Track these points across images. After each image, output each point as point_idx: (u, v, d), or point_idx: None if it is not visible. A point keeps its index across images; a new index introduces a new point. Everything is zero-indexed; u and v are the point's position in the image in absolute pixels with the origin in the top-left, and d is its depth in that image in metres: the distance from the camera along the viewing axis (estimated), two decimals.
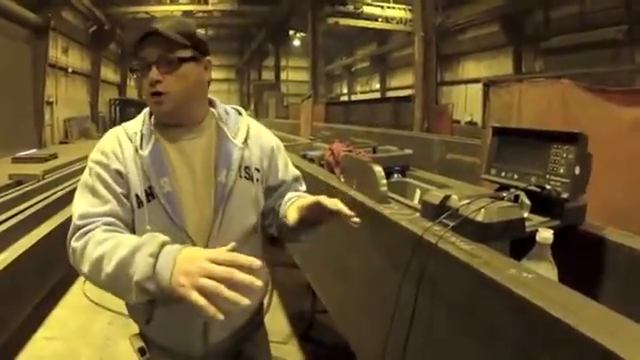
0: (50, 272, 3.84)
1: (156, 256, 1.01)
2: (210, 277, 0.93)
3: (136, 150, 1.24)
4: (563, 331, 0.94)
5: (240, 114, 1.44)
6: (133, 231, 1.22)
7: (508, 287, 1.13)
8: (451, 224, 1.48)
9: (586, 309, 1.00)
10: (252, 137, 1.39)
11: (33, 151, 11.72)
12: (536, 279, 1.17)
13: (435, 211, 1.59)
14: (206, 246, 1.23)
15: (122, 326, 3.47)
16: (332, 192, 2.35)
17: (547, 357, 1.02)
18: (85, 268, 1.11)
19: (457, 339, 1.37)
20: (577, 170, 1.54)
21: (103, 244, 1.09)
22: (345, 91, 36.36)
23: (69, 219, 1.21)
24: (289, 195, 1.43)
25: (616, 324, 0.93)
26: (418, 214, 1.74)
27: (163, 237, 1.06)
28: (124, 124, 1.33)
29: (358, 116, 14.65)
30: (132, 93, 32.42)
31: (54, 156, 9.97)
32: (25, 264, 3.23)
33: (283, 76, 30.19)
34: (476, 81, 4.20)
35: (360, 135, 7.00)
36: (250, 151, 1.37)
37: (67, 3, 17.37)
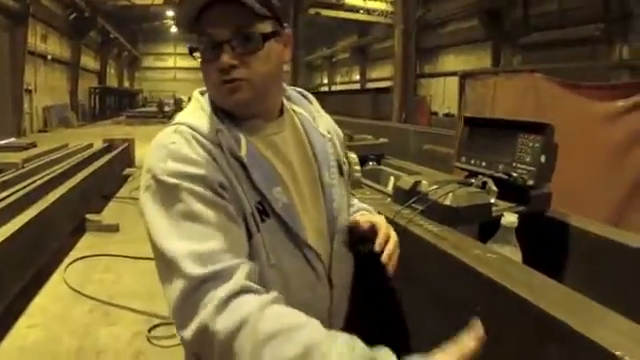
0: (31, 260, 3.81)
1: None
2: None
3: (231, 154, 0.90)
4: (525, 309, 0.99)
5: (305, 97, 1.18)
6: None
7: (473, 267, 1.18)
8: (420, 208, 1.54)
9: (547, 288, 1.06)
10: (330, 125, 1.15)
11: (12, 140, 11.52)
12: (500, 259, 1.23)
13: (406, 196, 1.64)
14: (330, 267, 1.02)
15: (102, 314, 3.48)
16: None
17: (511, 334, 1.07)
18: None
19: (426, 316, 1.42)
20: (543, 159, 1.60)
21: (279, 343, 0.71)
22: (325, 82, 36.30)
23: (49, 207, 0.89)
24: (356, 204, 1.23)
25: (576, 302, 0.98)
26: (390, 199, 1.79)
27: (386, 355, 0.72)
28: (182, 120, 0.94)
29: (338, 106, 14.68)
30: (112, 81, 32.00)
31: (33, 145, 9.84)
32: (5, 252, 3.20)
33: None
34: (454, 74, 4.27)
35: (339, 125, 6.97)
36: (334, 142, 1.12)
37: None
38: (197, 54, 0.93)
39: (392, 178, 2.54)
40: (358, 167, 2.08)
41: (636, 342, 0.80)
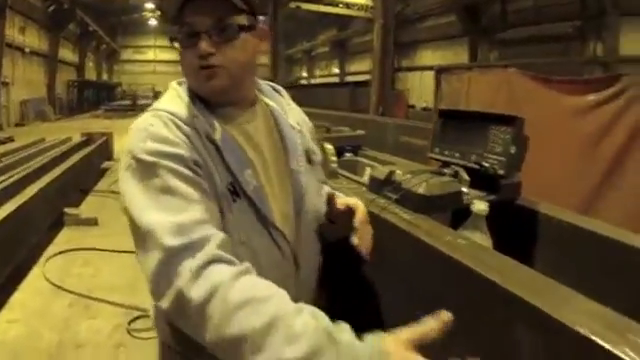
0: (10, 255, 3.78)
1: None
2: None
3: (207, 137, 0.97)
4: (495, 292, 1.02)
5: (277, 91, 1.25)
6: None
7: (444, 252, 1.22)
8: (395, 197, 1.57)
9: (516, 272, 1.09)
10: (299, 117, 1.23)
11: None
12: (470, 245, 1.27)
13: (381, 185, 1.67)
14: (296, 248, 1.08)
15: (82, 307, 3.47)
16: None
17: (483, 317, 1.10)
18: (208, 335, 0.78)
19: (399, 302, 1.45)
20: (513, 150, 1.65)
21: (246, 313, 0.76)
22: (305, 75, 36.26)
23: (28, 202, 0.92)
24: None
25: (544, 285, 1.01)
26: (365, 189, 1.83)
27: (344, 334, 0.76)
28: (160, 106, 1.01)
29: (317, 99, 14.68)
30: (91, 74, 31.42)
31: (10, 139, 9.65)
32: None
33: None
34: (432, 69, 4.35)
35: (318, 117, 7.03)
36: (303, 133, 1.20)
37: None
38: (177, 43, 1.00)
39: (368, 169, 2.59)
40: (334, 158, 2.13)
41: (602, 323, 0.83)
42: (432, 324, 0.76)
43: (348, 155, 2.64)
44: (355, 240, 1.11)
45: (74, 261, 4.36)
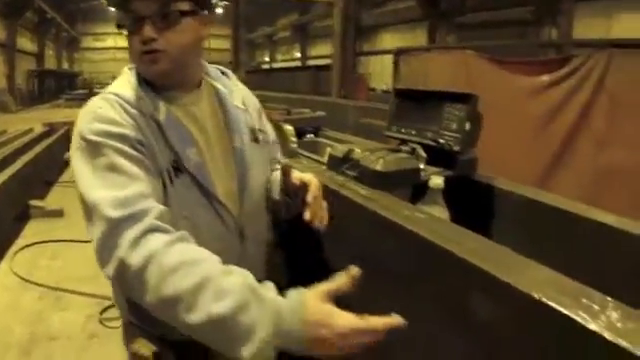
0: None
1: (276, 335, 0.78)
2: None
3: (152, 118, 1.04)
4: (452, 261, 1.05)
5: (224, 74, 1.30)
6: None
7: (402, 225, 1.24)
8: (353, 174, 1.59)
9: (473, 242, 1.12)
10: (246, 97, 1.30)
11: None
12: (427, 218, 1.30)
13: (340, 163, 1.69)
14: (239, 218, 1.14)
15: (53, 299, 3.39)
16: None
17: (437, 285, 1.14)
18: (148, 298, 0.85)
19: (360, 277, 1.48)
20: (467, 126, 1.69)
21: (179, 276, 0.82)
22: (267, 59, 35.92)
23: None
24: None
25: (501, 255, 1.04)
26: (325, 167, 1.84)
27: (268, 292, 0.83)
28: (111, 90, 1.07)
29: (279, 84, 14.60)
30: (51, 63, 30.22)
31: None
32: None
33: (205, 44, 29.30)
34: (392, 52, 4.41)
35: (280, 101, 7.04)
36: (249, 113, 1.27)
37: None
38: (124, 30, 1.05)
39: (328, 149, 2.60)
40: (294, 138, 2.13)
41: (555, 287, 0.86)
42: (343, 278, 0.84)
43: (309, 136, 2.65)
44: (307, 215, 1.15)
45: (42, 253, 4.24)
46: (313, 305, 0.79)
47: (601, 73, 3.21)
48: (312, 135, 2.67)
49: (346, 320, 0.79)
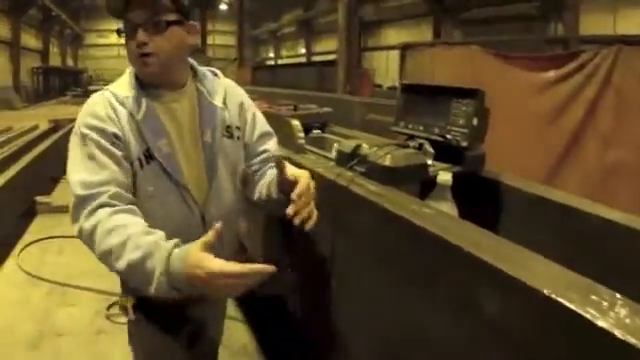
0: None
1: (166, 273, 1.05)
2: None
3: (131, 114, 1.25)
4: (460, 257, 1.05)
5: (216, 75, 1.48)
6: (134, 193, 1.25)
7: (410, 220, 1.25)
8: (361, 169, 1.60)
9: (482, 238, 1.12)
10: (229, 96, 1.44)
11: None
12: (436, 214, 1.31)
13: (348, 158, 1.69)
14: (205, 205, 1.33)
15: (60, 296, 3.41)
16: None
17: (446, 280, 1.15)
18: (95, 253, 1.16)
19: (368, 270, 1.49)
20: (475, 121, 1.69)
21: (112, 235, 1.11)
22: (272, 55, 35.86)
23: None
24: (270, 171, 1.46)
25: (509, 250, 1.04)
26: (333, 163, 1.85)
27: (168, 244, 1.09)
28: (110, 88, 1.31)
29: (284, 80, 14.58)
30: (55, 60, 30.25)
31: None
32: None
33: (210, 40, 29.22)
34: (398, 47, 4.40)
35: (285, 97, 7.04)
36: (229, 111, 1.42)
37: None
38: (123, 35, 1.25)
39: (335, 145, 2.60)
40: (301, 134, 2.13)
41: (565, 284, 0.86)
42: (210, 233, 1.04)
43: (316, 132, 2.65)
44: (290, 211, 1.21)
45: (49, 249, 4.27)
46: (194, 252, 1.03)
47: (608, 69, 3.19)
48: (319, 131, 2.67)
49: (216, 264, 1.00)
